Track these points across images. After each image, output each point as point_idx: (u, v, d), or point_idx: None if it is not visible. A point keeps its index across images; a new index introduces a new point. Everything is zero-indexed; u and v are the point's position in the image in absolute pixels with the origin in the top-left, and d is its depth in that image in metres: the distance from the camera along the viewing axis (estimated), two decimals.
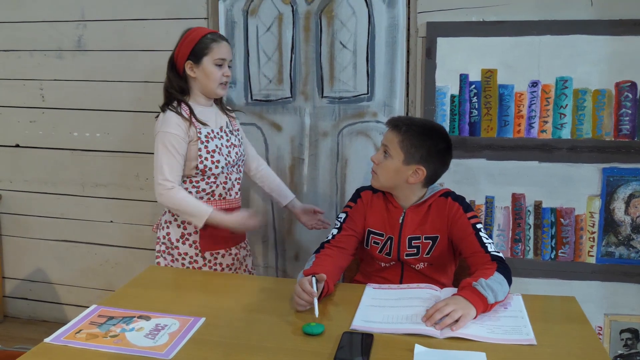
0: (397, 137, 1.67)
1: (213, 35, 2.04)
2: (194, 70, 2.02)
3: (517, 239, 2.39)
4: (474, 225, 1.64)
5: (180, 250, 2.07)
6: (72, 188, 2.87)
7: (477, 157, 2.37)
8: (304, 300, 1.45)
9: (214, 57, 2.01)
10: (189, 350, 1.29)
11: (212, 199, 2.08)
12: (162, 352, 1.27)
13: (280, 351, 1.28)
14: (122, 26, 2.62)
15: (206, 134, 2.03)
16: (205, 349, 1.30)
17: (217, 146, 2.05)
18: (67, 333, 1.36)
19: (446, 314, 1.35)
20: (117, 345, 1.30)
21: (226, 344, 1.31)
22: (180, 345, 1.30)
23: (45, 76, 2.76)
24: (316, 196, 2.59)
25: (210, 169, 2.03)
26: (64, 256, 2.97)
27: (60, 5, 2.66)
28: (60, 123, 2.80)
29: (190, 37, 2.02)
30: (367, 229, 1.79)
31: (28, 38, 2.74)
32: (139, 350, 1.28)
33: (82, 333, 1.36)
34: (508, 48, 2.28)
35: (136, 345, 1.30)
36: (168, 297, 1.60)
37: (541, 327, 1.37)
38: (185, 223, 2.06)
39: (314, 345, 1.30)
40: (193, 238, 2.07)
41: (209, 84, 2.03)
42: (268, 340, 1.33)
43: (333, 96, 2.50)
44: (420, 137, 1.67)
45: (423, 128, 1.70)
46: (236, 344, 1.32)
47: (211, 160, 2.03)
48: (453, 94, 2.36)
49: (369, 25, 2.40)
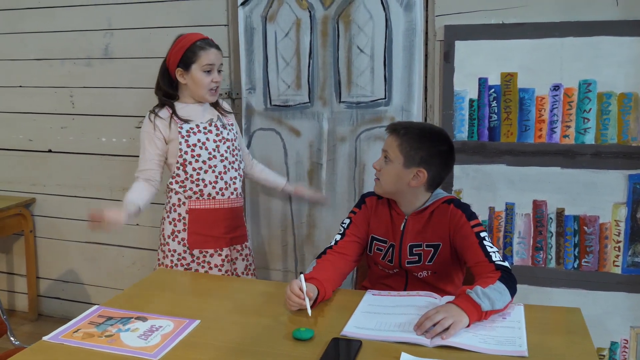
0: (395, 140, 1.65)
1: (202, 42, 2.09)
2: (184, 77, 2.09)
3: (538, 247, 2.31)
4: (478, 234, 1.59)
5: (170, 247, 2.13)
6: (101, 192, 2.96)
7: (497, 162, 2.31)
8: (293, 302, 1.46)
9: (201, 64, 2.06)
10: (177, 352, 1.30)
11: (200, 198, 2.12)
12: (151, 353, 1.29)
13: (268, 355, 1.28)
14: (146, 34, 2.70)
15: (188, 129, 2.09)
16: (194, 351, 1.31)
17: (200, 140, 2.11)
18: (66, 332, 1.41)
19: (437, 322, 1.32)
20: (110, 345, 1.33)
21: (216, 347, 1.32)
22: (170, 346, 1.32)
23: (75, 84, 2.86)
24: (334, 201, 2.58)
25: (189, 162, 2.08)
26: (94, 258, 3.07)
27: (89, 16, 2.77)
28: (89, 129, 2.90)
29: (180, 45, 2.08)
30: (371, 236, 1.77)
31: (59, 47, 2.85)
32: (129, 351, 1.31)
33: (80, 332, 1.40)
34: (529, 51, 2.21)
35: (128, 345, 1.33)
36: (168, 299, 1.62)
37: (538, 338, 1.32)
38: (175, 220, 2.12)
39: (301, 350, 1.30)
40: (182, 235, 2.13)
41: (198, 91, 2.10)
42: (258, 344, 1.34)
43: (351, 101, 2.49)
44: (419, 139, 1.64)
45: (422, 131, 1.67)
46: (226, 346, 1.33)
47: (191, 154, 2.09)
48: (472, 98, 2.31)
49: (386, 29, 2.38)
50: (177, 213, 2.14)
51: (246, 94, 2.61)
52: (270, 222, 2.70)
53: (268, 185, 2.45)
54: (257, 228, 2.73)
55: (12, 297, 3.29)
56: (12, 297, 3.29)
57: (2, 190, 3.15)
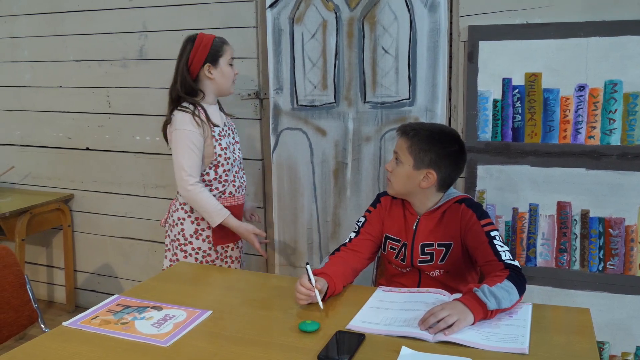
0: (405, 142, 1.67)
1: (220, 39, 2.22)
2: (212, 72, 2.18)
3: (562, 249, 2.28)
4: (488, 233, 1.59)
5: (194, 245, 2.20)
6: (135, 189, 3.07)
7: (521, 163, 2.29)
8: (302, 294, 1.49)
9: (227, 57, 2.20)
10: (187, 340, 1.36)
11: (222, 196, 2.21)
12: (162, 340, 1.35)
13: (272, 346, 1.33)
14: (179, 36, 2.76)
15: (219, 132, 2.19)
16: (203, 339, 1.36)
17: (229, 142, 2.23)
18: (85, 318, 1.48)
19: (441, 319, 1.33)
20: (124, 332, 1.40)
21: (224, 336, 1.37)
22: (180, 334, 1.38)
23: (111, 84, 2.98)
24: (359, 200, 2.61)
25: (221, 164, 2.18)
26: (128, 252, 3.18)
27: (124, 18, 2.88)
28: (124, 128, 3.01)
29: (204, 43, 2.17)
30: (385, 234, 1.79)
31: (97, 49, 2.97)
32: (142, 337, 1.37)
33: (97, 319, 1.47)
34: (553, 51, 2.18)
35: (141, 332, 1.39)
36: (184, 291, 1.68)
37: (541, 337, 1.31)
38: (199, 219, 2.18)
39: (306, 342, 1.33)
40: (206, 233, 2.21)
41: (225, 83, 2.22)
42: (264, 335, 1.38)
43: (375, 101, 2.51)
44: (428, 141, 1.65)
45: (431, 132, 1.68)
46: (233, 336, 1.37)
47: (224, 156, 2.19)
48: (496, 99, 2.30)
49: (411, 30, 2.39)
50: None
51: (274, 94, 2.67)
52: (297, 221, 2.75)
53: None
54: (284, 226, 2.78)
55: (51, 290, 3.44)
56: (51, 289, 3.44)
57: (43, 186, 3.30)
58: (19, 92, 3.25)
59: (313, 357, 1.26)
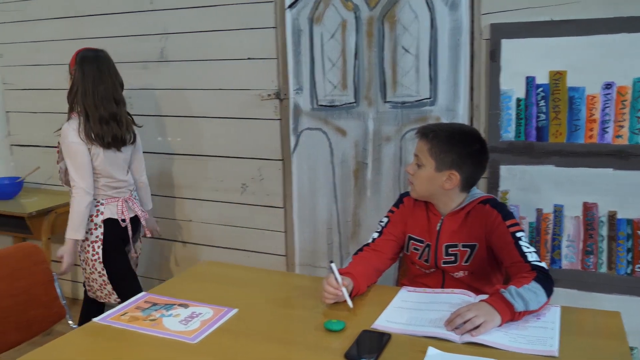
0: (426, 145, 1.65)
1: None
2: None
3: (588, 251, 2.24)
4: (514, 234, 1.57)
5: None
6: (156, 189, 3.08)
7: (545, 163, 2.26)
8: (330, 293, 1.49)
9: None
10: (214, 337, 1.36)
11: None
12: (190, 337, 1.36)
13: (298, 344, 1.33)
14: (199, 38, 2.80)
15: None
16: (229, 337, 1.37)
17: None
18: (114, 315, 1.50)
19: (467, 320, 1.31)
20: (152, 328, 1.41)
21: (250, 334, 1.38)
22: (207, 332, 1.39)
23: (133, 86, 3.00)
24: (379, 200, 2.60)
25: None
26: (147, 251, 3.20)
27: (145, 21, 2.90)
28: (146, 129, 3.02)
29: None
30: (408, 235, 1.78)
31: (118, 51, 2.98)
32: (170, 334, 1.38)
33: (126, 316, 1.49)
34: (578, 48, 2.15)
35: (169, 329, 1.41)
36: (210, 289, 1.69)
37: (570, 340, 1.29)
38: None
39: (331, 340, 1.33)
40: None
41: None
42: (290, 333, 1.38)
43: (396, 101, 2.50)
44: (448, 141, 1.63)
45: (451, 133, 1.66)
46: (259, 334, 1.38)
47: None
48: (519, 98, 2.27)
49: (432, 29, 2.38)
50: None
51: (293, 95, 2.67)
52: (317, 221, 2.75)
53: None
54: (304, 226, 2.78)
55: (75, 287, 3.48)
56: (75, 287, 3.48)
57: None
58: (43, 95, 3.30)
59: (339, 356, 1.25)
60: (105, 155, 2.39)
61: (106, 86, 2.40)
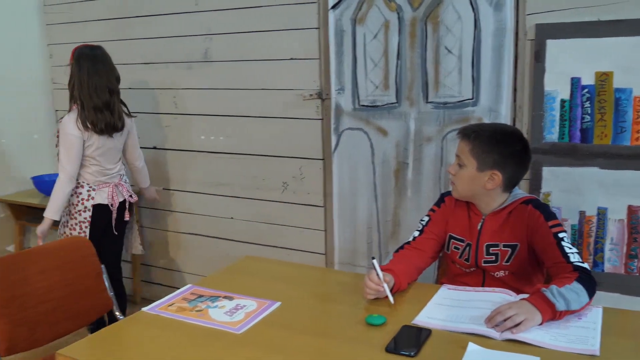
0: (467, 145, 1.66)
1: None
2: None
3: (632, 255, 2.21)
4: (556, 235, 1.56)
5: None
6: (198, 186, 3.17)
7: (589, 165, 2.23)
8: (371, 289, 1.51)
9: None
10: (258, 329, 1.41)
11: None
12: (235, 327, 1.41)
13: (340, 337, 1.36)
14: (243, 38, 2.86)
15: None
16: (273, 328, 1.41)
17: None
18: (162, 305, 1.56)
19: (508, 317, 1.32)
20: (199, 318, 1.47)
21: (293, 327, 1.42)
22: (252, 323, 1.43)
23: (177, 85, 3.10)
24: (420, 200, 2.61)
25: None
26: (191, 247, 3.29)
27: (190, 22, 2.99)
28: (190, 127, 3.12)
29: None
30: (449, 234, 1.79)
31: (163, 52, 3.10)
32: (216, 324, 1.43)
33: (174, 306, 1.55)
34: (626, 49, 2.12)
35: (215, 319, 1.46)
36: (253, 283, 1.74)
37: (612, 341, 1.28)
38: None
39: (372, 335, 1.36)
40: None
41: None
42: (332, 327, 1.42)
43: (438, 101, 2.51)
44: (490, 142, 1.64)
45: (493, 133, 1.66)
46: (301, 327, 1.42)
47: None
48: (563, 99, 2.25)
49: (475, 30, 2.38)
50: None
51: (335, 95, 2.70)
52: (356, 220, 2.77)
53: None
54: (344, 225, 2.81)
55: None
56: None
57: None
58: None
59: (380, 350, 1.28)
60: (99, 144, 2.61)
61: (100, 78, 2.60)
